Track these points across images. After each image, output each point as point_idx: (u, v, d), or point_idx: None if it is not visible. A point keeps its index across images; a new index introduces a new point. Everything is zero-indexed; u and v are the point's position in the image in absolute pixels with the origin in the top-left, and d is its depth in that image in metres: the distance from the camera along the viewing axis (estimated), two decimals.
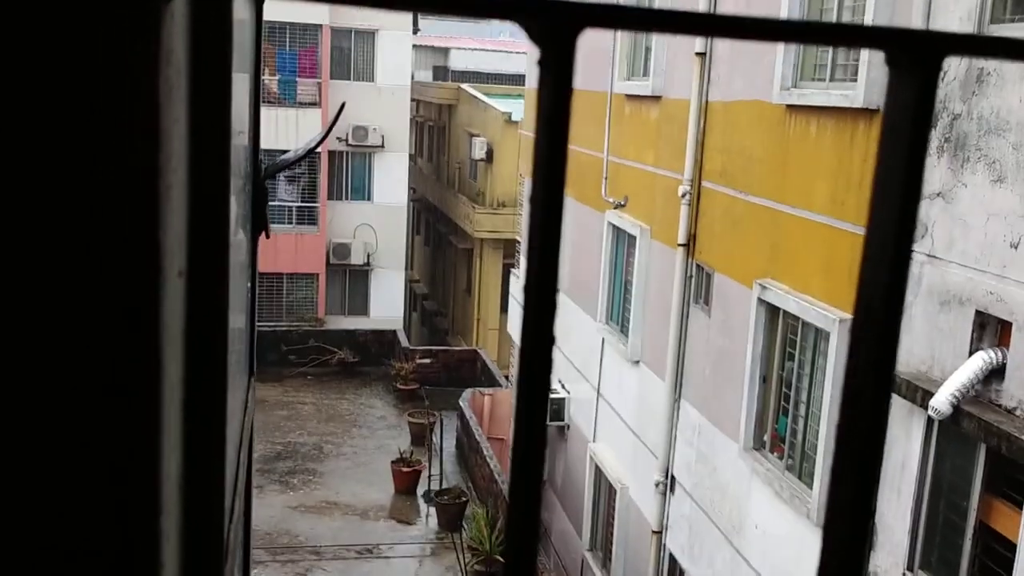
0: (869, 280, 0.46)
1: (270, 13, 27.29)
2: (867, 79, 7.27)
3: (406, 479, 17.32)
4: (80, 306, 0.49)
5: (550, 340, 0.40)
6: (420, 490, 17.39)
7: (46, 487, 0.50)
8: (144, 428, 0.51)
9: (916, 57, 0.43)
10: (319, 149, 24.90)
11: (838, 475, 0.46)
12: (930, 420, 6.45)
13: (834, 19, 8.02)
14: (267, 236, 1.82)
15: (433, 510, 16.59)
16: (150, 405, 0.51)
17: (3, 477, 0.50)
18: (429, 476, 17.29)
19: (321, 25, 24.87)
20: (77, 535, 0.50)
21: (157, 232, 0.50)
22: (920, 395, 6.42)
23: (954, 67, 6.39)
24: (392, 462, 17.58)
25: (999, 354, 5.98)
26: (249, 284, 1.78)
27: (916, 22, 6.73)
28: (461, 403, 19.11)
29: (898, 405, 6.86)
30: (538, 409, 0.42)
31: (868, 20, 7.27)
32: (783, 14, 8.46)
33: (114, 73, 0.47)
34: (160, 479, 0.52)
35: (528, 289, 0.40)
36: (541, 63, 0.38)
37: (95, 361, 0.49)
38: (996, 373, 5.99)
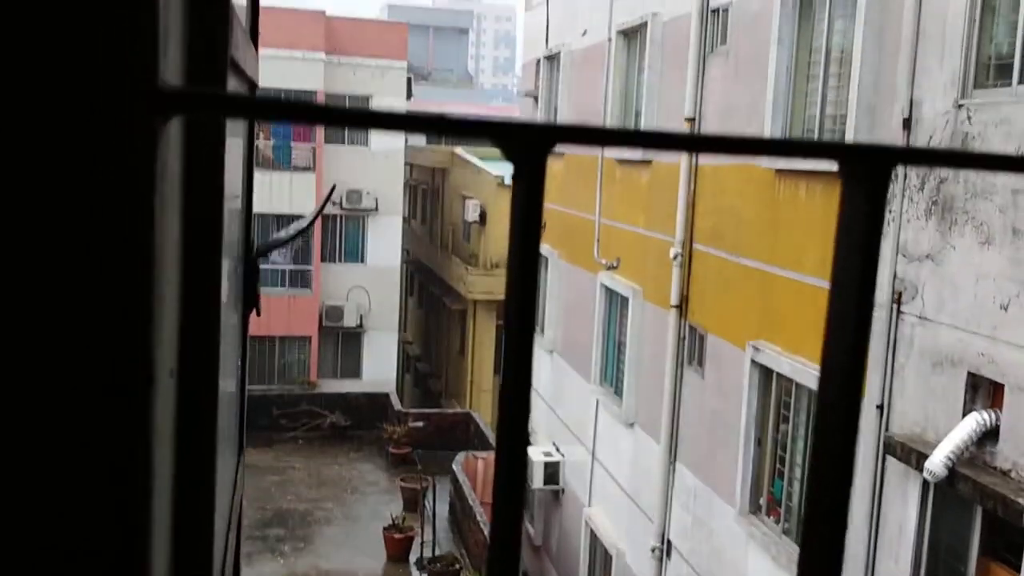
0: (828, 389, 0.48)
1: (265, 80, 27.72)
2: (855, 141, 7.37)
3: (398, 546, 17.06)
4: (71, 404, 0.50)
5: (523, 452, 0.41)
6: (413, 557, 17.11)
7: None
8: (132, 523, 0.53)
9: (867, 168, 0.46)
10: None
11: (812, 516, 0.48)
12: (925, 483, 6.40)
13: (819, 88, 8.16)
14: (258, 314, 1.83)
15: None
16: (138, 506, 0.53)
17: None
18: (422, 542, 17.02)
19: (316, 91, 25.22)
20: None
21: (150, 343, 0.52)
22: (915, 457, 6.38)
23: (939, 131, 6.50)
24: (384, 528, 17.32)
25: (992, 416, 5.96)
26: (239, 362, 1.78)
27: (901, 89, 6.86)
28: (454, 467, 18.92)
29: (893, 468, 6.81)
30: (517, 478, 0.43)
31: (854, 87, 7.41)
32: (768, 95, 8.60)
33: (111, 191, 0.49)
34: (149, 568, 0.54)
35: (503, 395, 0.42)
36: (514, 177, 0.41)
37: (84, 463, 0.51)
38: (990, 435, 5.97)
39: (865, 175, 0.47)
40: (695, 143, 0.47)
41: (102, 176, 0.49)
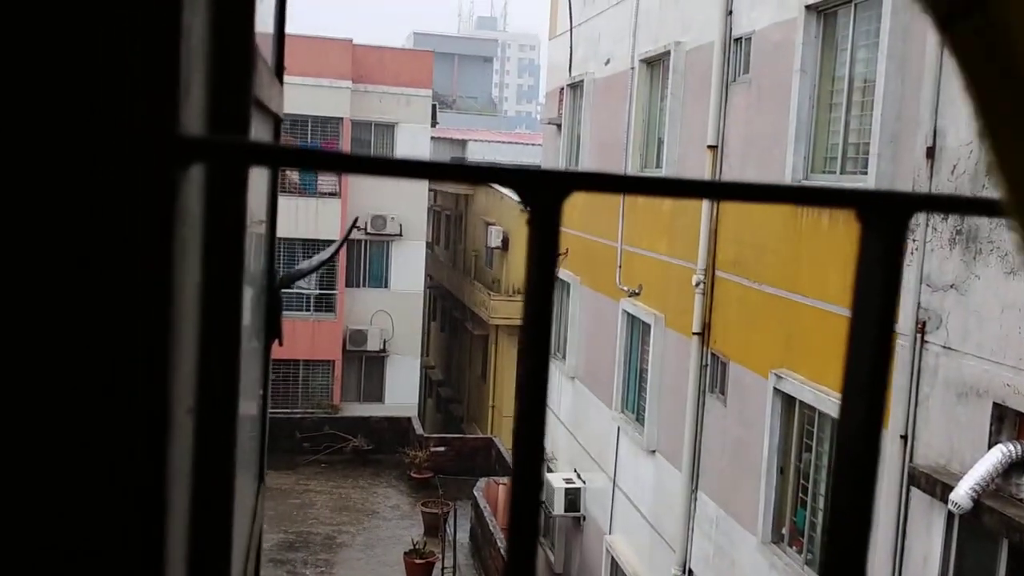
0: (847, 436, 0.48)
1: (292, 106, 27.69)
2: (878, 171, 7.38)
3: (419, 571, 17.01)
4: (89, 443, 0.51)
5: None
6: None
7: None
8: (147, 564, 0.53)
9: (884, 216, 0.47)
10: (337, 238, 25.24)
11: (832, 543, 0.48)
12: (950, 515, 6.34)
13: (842, 117, 8.17)
14: (280, 344, 1.86)
15: None
16: (154, 545, 0.53)
17: None
18: (443, 568, 16.97)
19: (342, 118, 25.49)
20: None
21: (167, 382, 0.52)
22: (940, 489, 6.32)
23: (963, 160, 6.49)
24: (405, 553, 17.28)
25: (1018, 447, 5.90)
26: (261, 391, 1.81)
27: (924, 118, 6.86)
28: (475, 492, 18.87)
29: (918, 499, 6.75)
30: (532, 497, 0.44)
31: (877, 116, 7.42)
32: (791, 124, 8.63)
33: (130, 237, 0.50)
34: None
35: (516, 438, 0.43)
36: (530, 223, 0.42)
37: (98, 498, 0.52)
38: (1016, 466, 5.91)
39: (883, 223, 0.46)
40: (713, 190, 0.46)
41: (120, 224, 0.50)
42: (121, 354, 0.51)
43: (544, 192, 0.42)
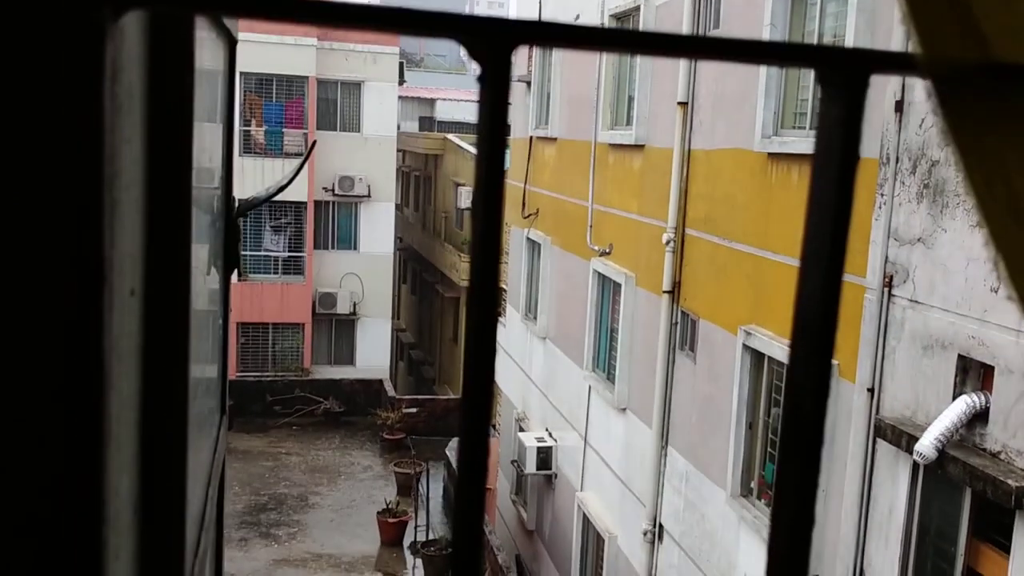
0: (805, 297, 0.48)
1: (257, 65, 27.18)
2: None
3: (392, 530, 17.11)
4: (18, 318, 0.48)
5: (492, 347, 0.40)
6: (407, 541, 17.17)
7: None
8: (87, 442, 0.50)
9: (844, 74, 0.44)
10: (305, 200, 25.00)
11: (781, 487, 0.46)
12: (916, 465, 6.44)
13: (812, 77, 8.14)
14: (239, 276, 1.83)
15: (420, 562, 16.37)
16: (93, 420, 0.51)
17: None
18: (416, 527, 17.08)
19: (307, 77, 25.12)
20: (16, 547, 0.50)
21: (101, 246, 0.49)
22: (905, 440, 6.42)
23: (931, 114, 6.50)
24: (378, 513, 17.37)
25: (982, 398, 5.99)
26: (221, 321, 1.77)
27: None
28: (448, 452, 18.97)
29: (884, 450, 6.85)
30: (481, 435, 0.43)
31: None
32: (761, 79, 8.59)
33: (51, 91, 0.47)
34: (103, 495, 0.51)
35: (470, 305, 0.41)
36: (480, 79, 0.40)
37: (35, 375, 0.49)
38: (980, 417, 6.00)
39: (842, 81, 0.45)
40: (677, 44, 0.44)
41: (44, 73, 0.46)
42: (47, 214, 0.47)
43: (493, 42, 0.39)
